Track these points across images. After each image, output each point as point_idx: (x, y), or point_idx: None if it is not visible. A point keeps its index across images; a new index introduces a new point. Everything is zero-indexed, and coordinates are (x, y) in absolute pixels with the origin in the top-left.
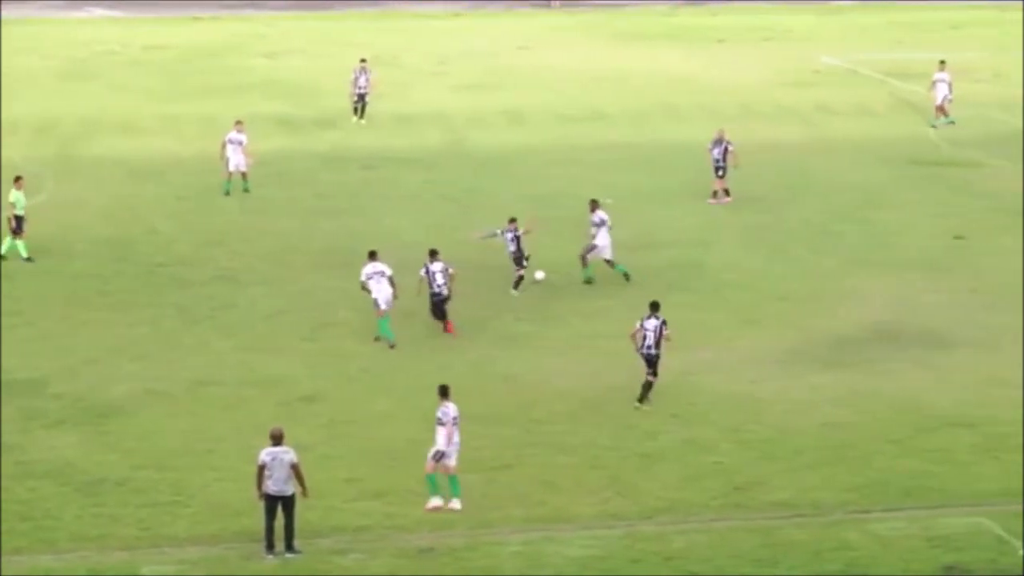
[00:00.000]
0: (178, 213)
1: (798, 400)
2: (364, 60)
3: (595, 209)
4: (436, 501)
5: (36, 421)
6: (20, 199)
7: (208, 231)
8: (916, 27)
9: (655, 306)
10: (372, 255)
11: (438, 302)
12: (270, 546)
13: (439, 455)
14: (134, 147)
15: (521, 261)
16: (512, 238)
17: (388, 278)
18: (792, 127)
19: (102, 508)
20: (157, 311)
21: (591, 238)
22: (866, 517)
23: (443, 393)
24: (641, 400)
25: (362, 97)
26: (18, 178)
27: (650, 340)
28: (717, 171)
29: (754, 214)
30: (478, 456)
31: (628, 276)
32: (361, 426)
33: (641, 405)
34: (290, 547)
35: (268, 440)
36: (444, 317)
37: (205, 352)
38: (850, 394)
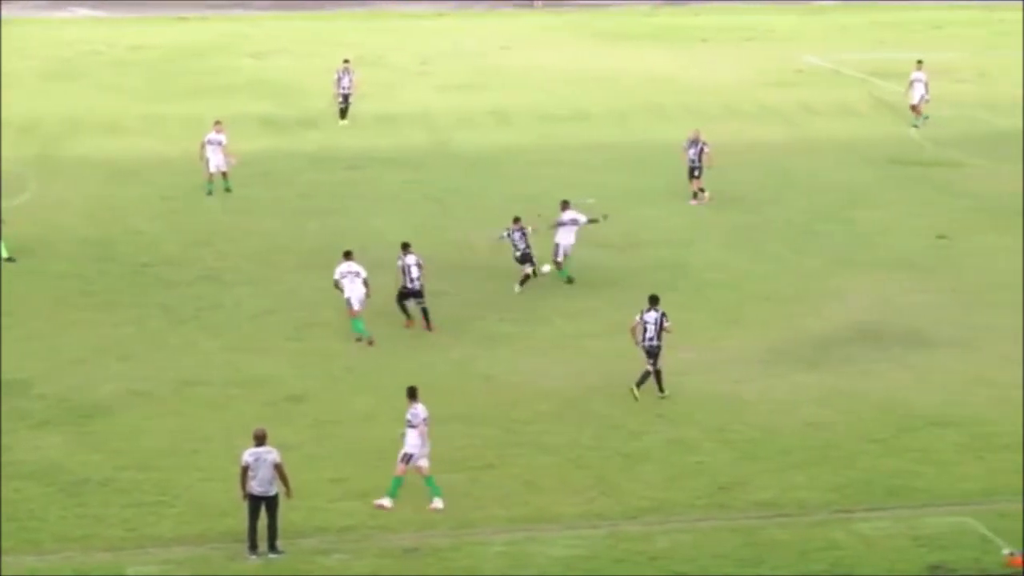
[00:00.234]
0: (163, 213)
1: (782, 400)
2: (347, 61)
3: (565, 209)
4: (386, 501)
5: (21, 422)
6: None
7: (193, 231)
8: (898, 27)
9: (654, 299)
10: (347, 255)
11: (412, 295)
12: (253, 546)
13: (407, 457)
14: (119, 147)
15: (530, 259)
16: (520, 236)
17: (363, 279)
18: (775, 127)
19: (87, 508)
20: (142, 311)
21: (553, 237)
22: (850, 517)
23: (412, 395)
24: (639, 385)
25: (346, 98)
26: None
27: (651, 332)
28: (693, 171)
29: (737, 214)
30: (461, 456)
31: (571, 280)
32: (346, 426)
33: (637, 390)
34: (273, 547)
35: (252, 440)
36: (425, 315)
37: (190, 352)
38: (834, 394)
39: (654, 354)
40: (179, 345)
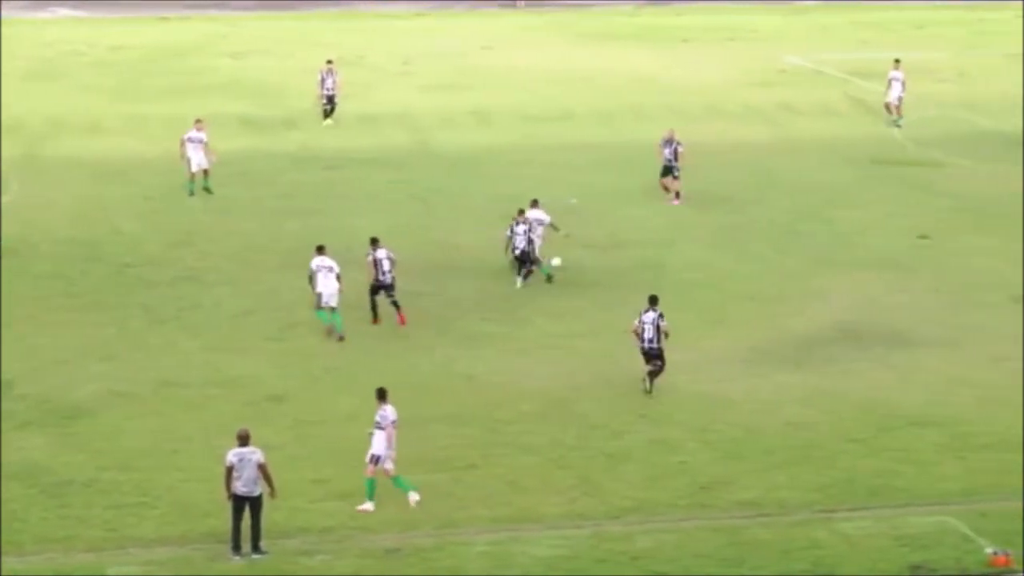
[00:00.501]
0: (144, 213)
1: (764, 400)
2: (331, 61)
3: (534, 206)
4: (368, 506)
5: (2, 423)
6: None
7: (174, 231)
8: (880, 27)
9: (653, 300)
10: (320, 249)
11: (384, 288)
12: (236, 547)
13: (375, 459)
14: (100, 147)
15: (529, 259)
16: (524, 231)
17: (335, 274)
18: (757, 127)
19: (68, 509)
20: (123, 312)
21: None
22: (832, 516)
23: (381, 396)
24: (650, 383)
25: (331, 99)
26: None
27: (650, 333)
28: (671, 171)
29: (720, 214)
30: (444, 456)
31: (548, 277)
32: (327, 426)
33: (650, 388)
34: (256, 548)
35: (235, 441)
36: (397, 309)
37: (171, 352)
38: (816, 394)
39: (656, 355)
40: (160, 345)
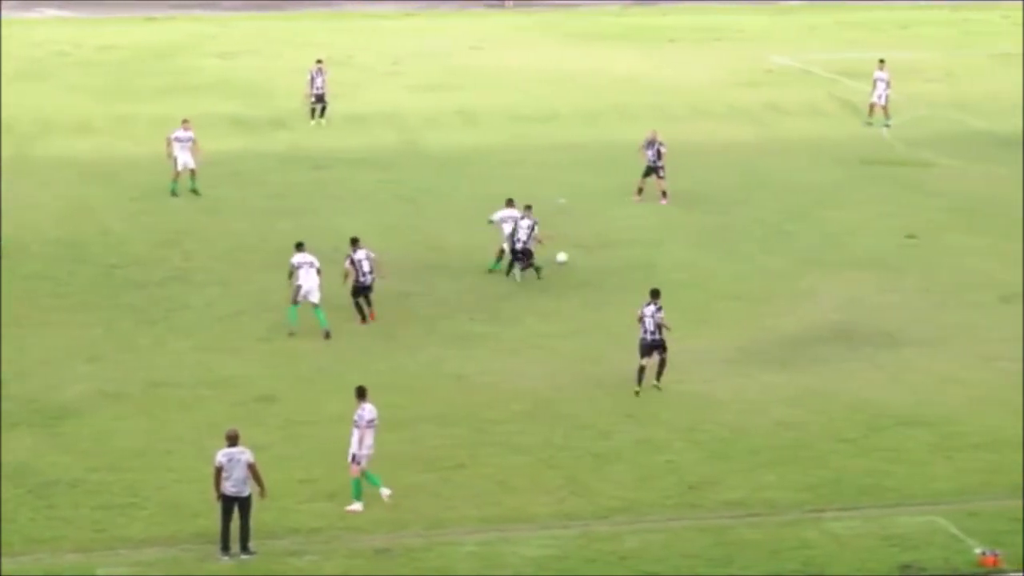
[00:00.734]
0: (132, 214)
1: (751, 400)
2: (320, 61)
3: (508, 206)
4: (356, 506)
5: None
6: None
7: (162, 232)
8: (867, 27)
9: (655, 293)
10: (299, 246)
11: (363, 289)
12: (225, 547)
13: (355, 459)
14: (87, 148)
15: (528, 257)
16: (528, 226)
17: (316, 269)
18: (744, 127)
19: (57, 510)
20: (112, 312)
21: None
22: (821, 516)
23: (360, 395)
24: (658, 378)
25: (320, 98)
26: None
27: (651, 326)
28: (656, 171)
29: (707, 214)
30: (433, 456)
31: (491, 270)
32: (316, 426)
33: (659, 383)
34: (245, 548)
35: (224, 441)
36: (368, 304)
37: (160, 353)
38: (804, 393)
39: (654, 347)
40: (149, 346)
